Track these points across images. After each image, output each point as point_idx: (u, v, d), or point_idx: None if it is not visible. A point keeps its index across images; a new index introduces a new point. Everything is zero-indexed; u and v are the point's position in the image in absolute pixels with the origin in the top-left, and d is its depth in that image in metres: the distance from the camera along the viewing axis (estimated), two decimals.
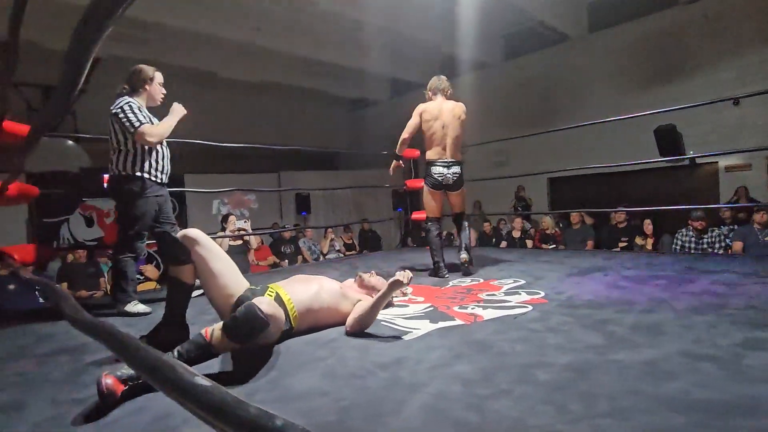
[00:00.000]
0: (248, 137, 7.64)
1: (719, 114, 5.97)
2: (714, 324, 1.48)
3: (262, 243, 6.01)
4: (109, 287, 4.77)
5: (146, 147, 2.29)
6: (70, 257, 4.83)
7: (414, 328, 1.69)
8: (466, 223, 3.05)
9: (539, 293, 2.16)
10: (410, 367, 1.28)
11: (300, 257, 6.18)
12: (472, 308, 1.96)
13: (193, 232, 1.55)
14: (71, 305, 0.81)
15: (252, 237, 5.40)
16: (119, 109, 2.20)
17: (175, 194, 8.02)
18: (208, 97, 8.74)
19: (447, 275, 2.81)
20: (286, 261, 5.92)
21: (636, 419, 0.90)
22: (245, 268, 5.26)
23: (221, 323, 1.32)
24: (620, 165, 4.96)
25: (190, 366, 1.08)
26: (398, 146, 3.09)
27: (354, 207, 9.61)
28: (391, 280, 1.64)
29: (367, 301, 1.73)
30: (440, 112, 2.91)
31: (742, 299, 1.78)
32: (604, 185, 7.34)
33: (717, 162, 6.42)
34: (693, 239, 4.51)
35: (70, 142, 6.94)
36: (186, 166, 8.06)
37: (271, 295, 1.53)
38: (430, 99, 3.02)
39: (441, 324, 1.73)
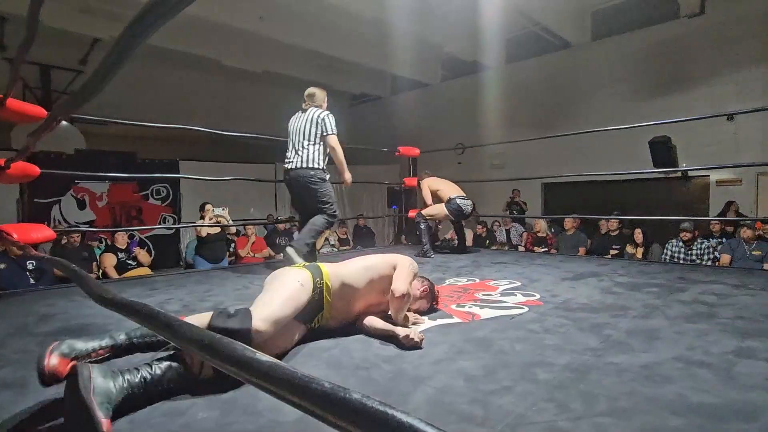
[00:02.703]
0: (247, 126, 7.61)
1: (715, 128, 6.07)
2: (705, 332, 1.53)
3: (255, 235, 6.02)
4: (100, 272, 4.74)
5: None
6: (63, 240, 4.78)
7: (414, 324, 1.72)
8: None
9: (535, 295, 2.20)
10: (413, 361, 1.31)
11: None
12: (470, 307, 2.00)
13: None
14: (100, 286, 0.82)
15: (237, 226, 5.35)
16: None
17: (169, 180, 8.02)
18: (211, 84, 8.70)
19: (432, 256, 3.74)
20: (282, 254, 5.91)
21: (635, 419, 0.94)
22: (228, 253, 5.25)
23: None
24: (613, 174, 5.05)
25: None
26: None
27: (349, 201, 9.60)
28: (402, 333, 1.45)
29: (378, 321, 1.60)
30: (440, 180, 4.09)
31: (732, 309, 1.83)
32: (598, 192, 7.43)
33: (708, 175, 6.54)
34: (682, 250, 4.60)
35: (66, 122, 6.86)
36: (183, 152, 8.02)
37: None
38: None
39: (440, 321, 1.77)
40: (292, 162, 3.00)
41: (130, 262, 4.83)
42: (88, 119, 5.46)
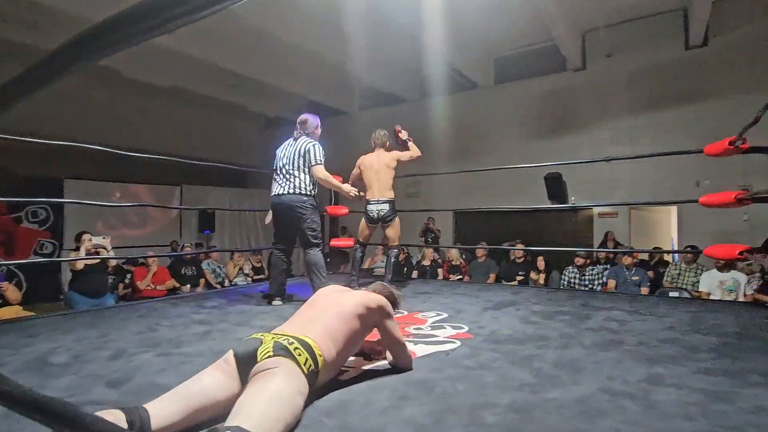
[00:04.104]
0: (150, 144, 6.97)
1: (597, 167, 6.97)
2: (618, 360, 1.68)
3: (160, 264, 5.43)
4: None
5: None
6: None
7: (350, 367, 1.64)
8: (391, 253, 3.66)
9: (463, 327, 2.25)
10: (358, 412, 1.23)
11: (203, 280, 5.68)
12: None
13: None
14: None
15: (112, 253, 4.69)
16: None
17: (49, 202, 6.95)
18: (104, 95, 7.80)
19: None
20: (188, 285, 5.40)
21: None
22: (111, 286, 4.61)
23: None
24: (511, 207, 5.54)
25: None
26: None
27: (263, 228, 9.20)
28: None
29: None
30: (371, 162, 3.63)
31: (633, 336, 2.05)
32: (503, 221, 8.04)
33: (592, 208, 7.47)
34: (577, 275, 5.13)
35: None
36: (68, 169, 7.02)
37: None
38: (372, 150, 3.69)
39: (376, 363, 1.71)
40: (282, 187, 3.01)
41: None
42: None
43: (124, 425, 0.95)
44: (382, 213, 3.54)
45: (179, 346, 1.95)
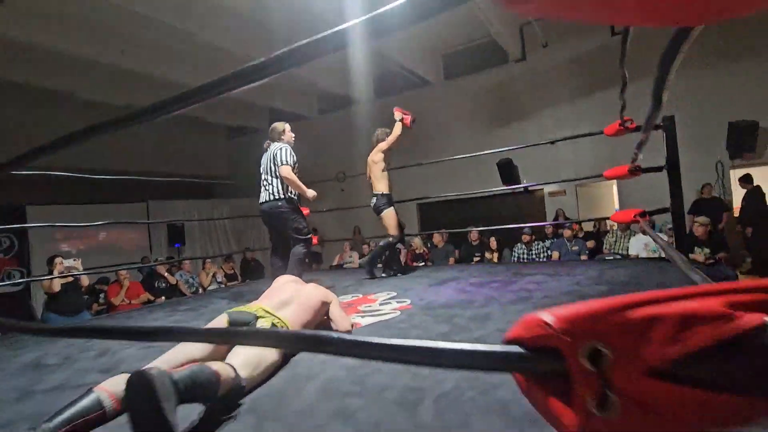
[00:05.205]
0: (112, 164, 7.06)
1: (543, 152, 7.51)
2: (522, 310, 2.08)
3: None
4: None
5: None
6: None
7: None
8: (382, 242, 3.89)
9: (406, 301, 2.63)
10: (305, 364, 1.57)
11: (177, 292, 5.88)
12: (353, 318, 2.33)
13: None
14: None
15: (84, 276, 4.80)
16: None
17: (13, 229, 6.94)
18: (62, 118, 7.80)
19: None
20: (163, 297, 5.59)
21: None
22: (85, 305, 4.74)
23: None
24: (472, 193, 5.98)
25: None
26: None
27: (233, 236, 9.36)
28: None
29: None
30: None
31: (543, 293, 2.47)
32: (464, 208, 8.52)
33: (543, 189, 8.02)
34: (525, 251, 5.61)
35: None
36: (29, 196, 7.04)
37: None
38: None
39: None
40: (262, 195, 3.26)
41: None
42: None
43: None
44: (373, 206, 3.89)
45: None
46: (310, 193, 3.48)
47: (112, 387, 1.21)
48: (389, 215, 3.85)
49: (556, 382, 0.35)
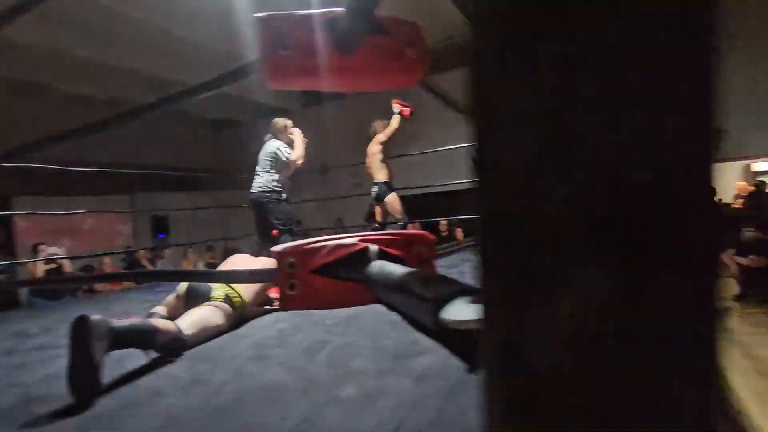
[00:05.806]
0: (97, 156, 7.26)
1: None
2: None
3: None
4: None
5: None
6: None
7: (258, 310, 2.27)
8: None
9: None
10: (246, 330, 1.86)
11: None
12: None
13: None
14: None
15: (66, 261, 5.12)
16: None
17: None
18: (45, 112, 7.98)
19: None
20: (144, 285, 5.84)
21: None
22: (69, 290, 5.05)
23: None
24: (439, 185, 6.31)
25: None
26: None
27: (219, 228, 9.61)
28: None
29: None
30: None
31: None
32: (437, 201, 8.82)
33: None
34: None
35: None
36: (15, 187, 7.22)
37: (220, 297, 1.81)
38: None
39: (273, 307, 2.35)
40: (252, 186, 3.47)
41: None
42: None
43: None
44: (375, 194, 4.23)
45: (131, 315, 2.52)
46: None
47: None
48: (393, 199, 4.15)
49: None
